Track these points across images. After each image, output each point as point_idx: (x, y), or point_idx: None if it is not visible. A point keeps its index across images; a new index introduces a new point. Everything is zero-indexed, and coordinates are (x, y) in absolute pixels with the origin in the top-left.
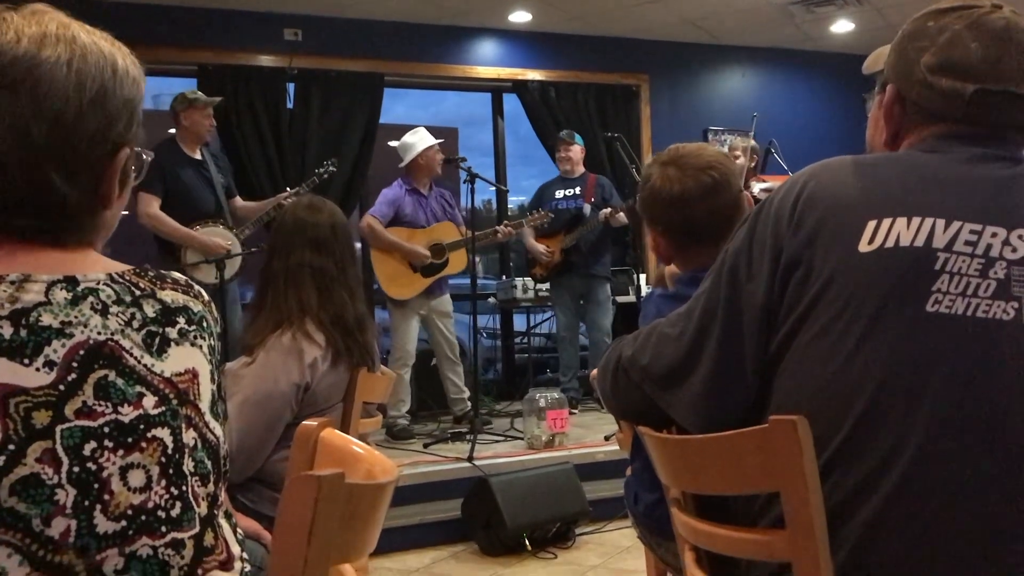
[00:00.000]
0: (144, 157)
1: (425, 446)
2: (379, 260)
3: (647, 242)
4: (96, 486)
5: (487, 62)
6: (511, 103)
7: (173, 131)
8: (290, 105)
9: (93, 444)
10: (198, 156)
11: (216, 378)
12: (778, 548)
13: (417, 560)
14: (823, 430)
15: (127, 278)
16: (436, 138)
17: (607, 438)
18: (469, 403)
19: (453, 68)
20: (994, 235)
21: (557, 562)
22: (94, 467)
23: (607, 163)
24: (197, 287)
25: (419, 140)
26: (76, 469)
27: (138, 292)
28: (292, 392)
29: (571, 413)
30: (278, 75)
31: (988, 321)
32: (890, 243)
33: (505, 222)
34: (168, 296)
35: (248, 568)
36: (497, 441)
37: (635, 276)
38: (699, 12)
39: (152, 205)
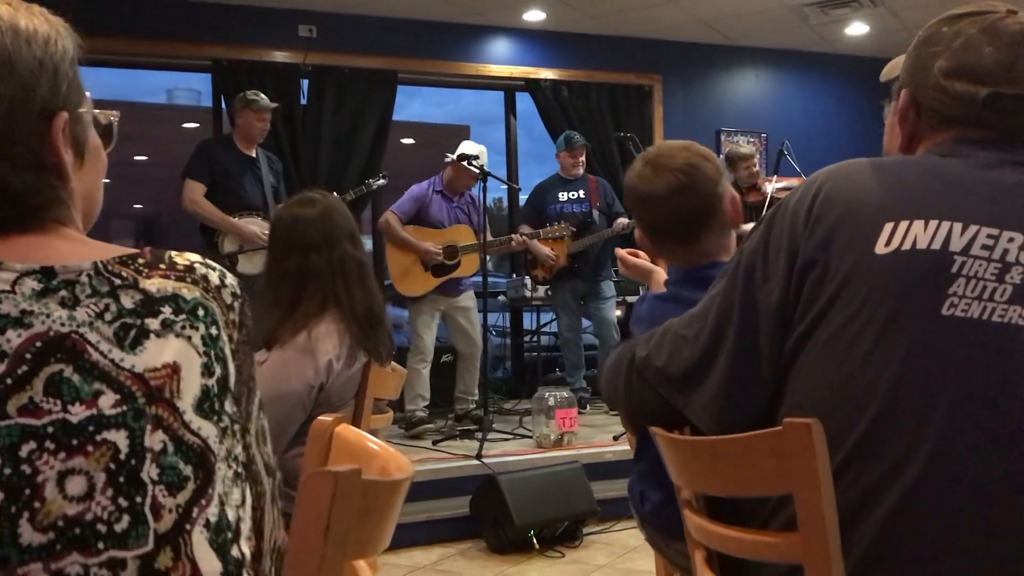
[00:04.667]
0: (104, 120)
1: (434, 443)
2: (393, 256)
3: None
4: (27, 491)
5: (500, 60)
6: (524, 102)
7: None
8: (303, 101)
9: (32, 445)
10: (252, 154)
11: (216, 371)
12: (790, 551)
13: (425, 556)
14: (837, 432)
15: (111, 268)
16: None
17: (616, 438)
18: (472, 404)
19: (467, 66)
20: (1011, 240)
21: (564, 561)
22: (29, 470)
23: (619, 164)
24: (204, 271)
25: (478, 153)
26: (7, 471)
27: (118, 282)
28: (305, 392)
29: (580, 412)
30: (292, 71)
31: (1004, 326)
32: (907, 245)
33: (520, 231)
34: (154, 285)
35: None
36: (506, 439)
37: None
38: (713, 13)
39: (195, 191)
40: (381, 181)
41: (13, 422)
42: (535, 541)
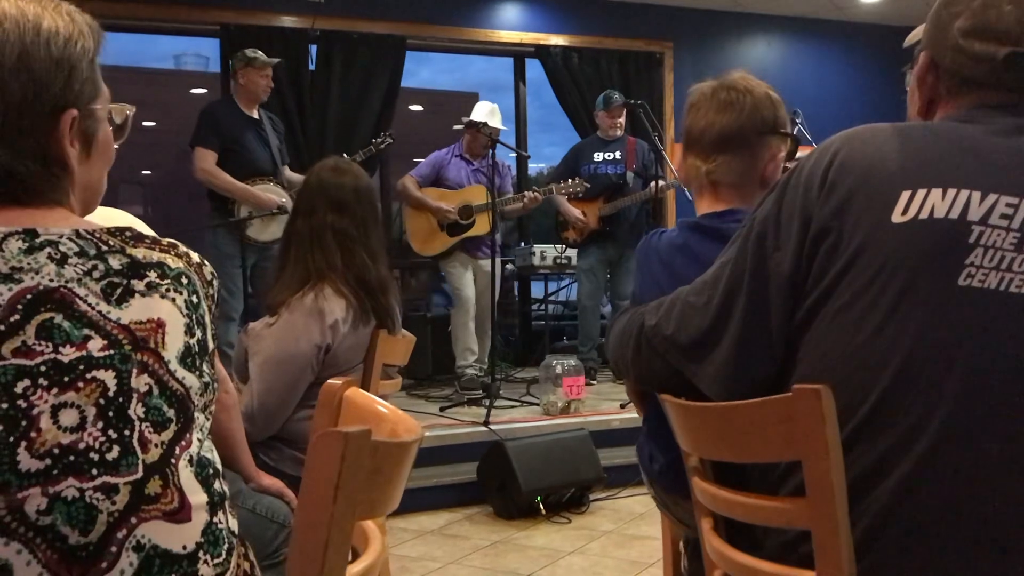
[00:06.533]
0: (119, 117)
1: (441, 409)
2: (411, 218)
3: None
4: (24, 423)
5: (510, 26)
6: (534, 69)
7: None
8: (312, 66)
9: (27, 382)
10: (255, 115)
11: (197, 333)
12: (798, 516)
13: (432, 521)
14: (849, 401)
15: (96, 235)
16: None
17: (623, 406)
18: (480, 372)
19: (476, 32)
20: None
21: (571, 527)
22: (24, 404)
23: (629, 131)
24: (185, 249)
25: (485, 115)
26: (4, 406)
27: (104, 248)
28: (313, 353)
29: (588, 384)
30: (300, 36)
31: (1021, 296)
32: (924, 214)
33: (533, 187)
34: (140, 253)
35: (222, 524)
36: (513, 406)
37: None
38: None
39: (207, 160)
40: (389, 140)
41: (8, 362)
42: (542, 507)
